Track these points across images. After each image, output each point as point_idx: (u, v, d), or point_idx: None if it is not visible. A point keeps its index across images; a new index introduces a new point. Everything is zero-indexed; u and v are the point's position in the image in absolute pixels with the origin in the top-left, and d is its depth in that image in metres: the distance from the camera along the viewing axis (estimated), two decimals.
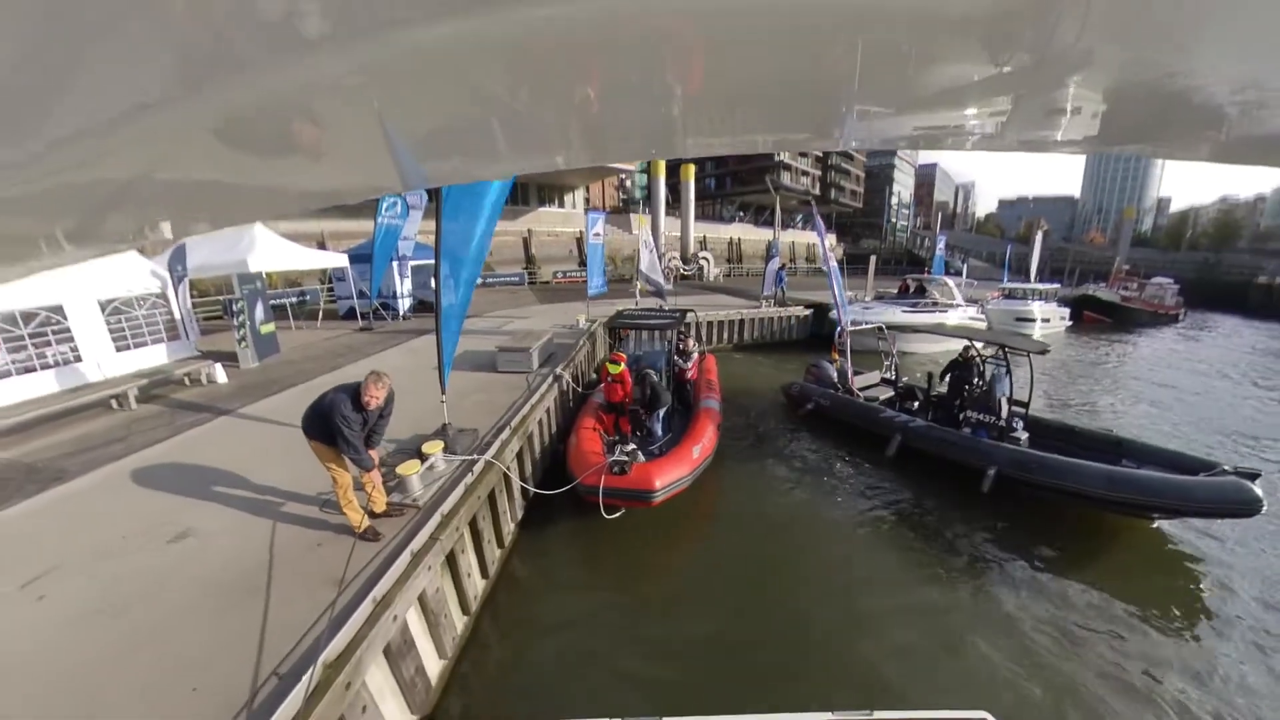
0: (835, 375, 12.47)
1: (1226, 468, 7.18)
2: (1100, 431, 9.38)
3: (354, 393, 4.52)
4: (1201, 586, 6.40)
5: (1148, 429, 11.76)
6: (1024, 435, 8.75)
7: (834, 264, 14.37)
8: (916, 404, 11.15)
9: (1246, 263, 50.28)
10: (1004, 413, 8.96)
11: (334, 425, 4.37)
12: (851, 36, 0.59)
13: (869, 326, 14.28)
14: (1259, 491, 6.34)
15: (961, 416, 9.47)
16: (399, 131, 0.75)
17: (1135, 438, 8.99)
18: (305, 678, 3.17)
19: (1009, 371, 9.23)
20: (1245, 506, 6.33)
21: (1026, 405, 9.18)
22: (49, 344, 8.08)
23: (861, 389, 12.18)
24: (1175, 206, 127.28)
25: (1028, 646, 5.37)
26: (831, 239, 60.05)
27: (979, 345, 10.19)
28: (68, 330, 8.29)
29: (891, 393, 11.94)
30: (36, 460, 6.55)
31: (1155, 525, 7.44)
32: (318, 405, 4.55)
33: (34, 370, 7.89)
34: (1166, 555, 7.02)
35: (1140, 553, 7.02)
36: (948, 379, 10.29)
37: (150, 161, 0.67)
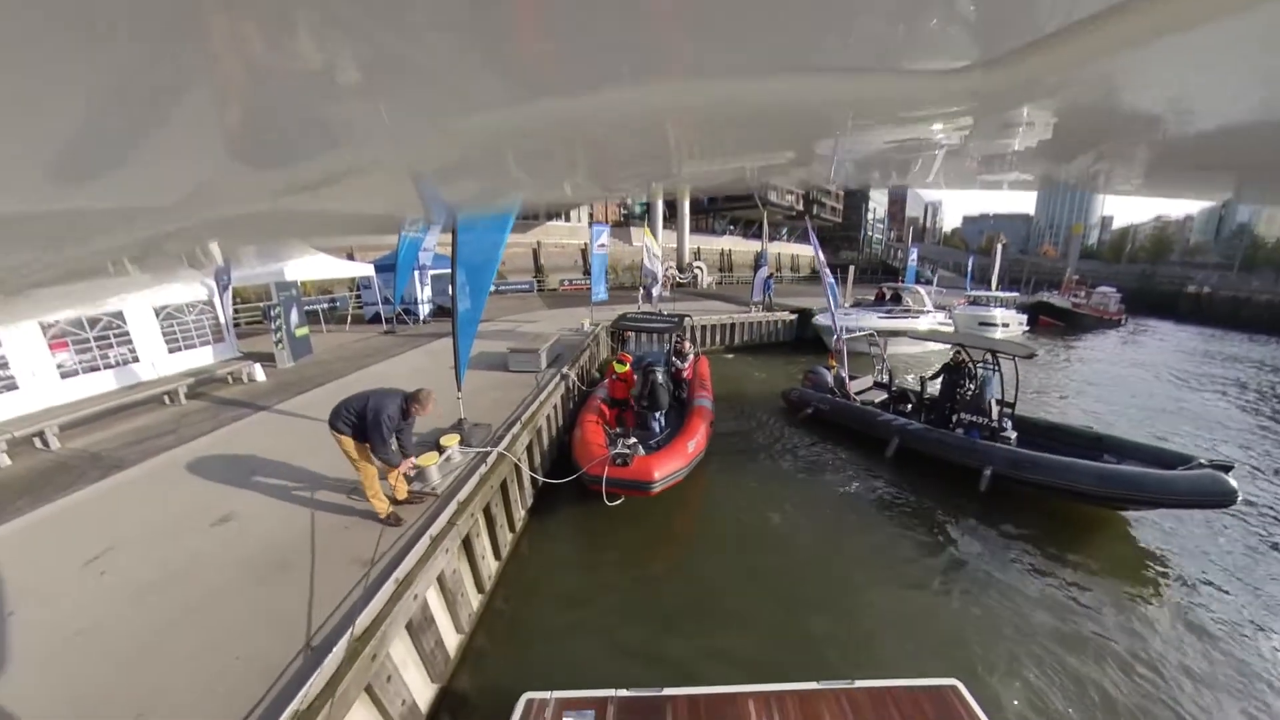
0: (831, 380, 11.95)
1: (1203, 460, 7.00)
2: (1081, 428, 9.16)
3: (401, 401, 4.55)
4: (1163, 570, 6.42)
5: (1100, 421, 11.58)
6: (1013, 434, 8.49)
7: (830, 278, 14.07)
8: (910, 406, 10.60)
9: (1178, 274, 50.63)
10: (994, 414, 8.72)
11: (375, 425, 4.38)
12: (833, 123, 0.62)
13: (862, 333, 14.05)
14: (1234, 483, 6.24)
15: (955, 418, 9.07)
16: (436, 188, 0.78)
17: (1112, 433, 8.83)
18: (335, 649, 3.21)
19: (1000, 375, 8.94)
20: (1222, 498, 6.24)
21: (1013, 406, 8.89)
22: (111, 346, 8.16)
23: (856, 393, 11.74)
24: (1117, 224, 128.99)
25: (1003, 624, 5.43)
26: (811, 248, 59.73)
27: (970, 350, 9.58)
28: (127, 334, 8.37)
29: (884, 396, 11.43)
30: (99, 450, 6.61)
31: (1125, 515, 7.35)
32: (358, 406, 4.52)
33: (98, 369, 7.97)
34: (1135, 542, 7.00)
35: (1113, 540, 6.99)
36: (939, 382, 9.76)
37: (232, 225, 0.72)
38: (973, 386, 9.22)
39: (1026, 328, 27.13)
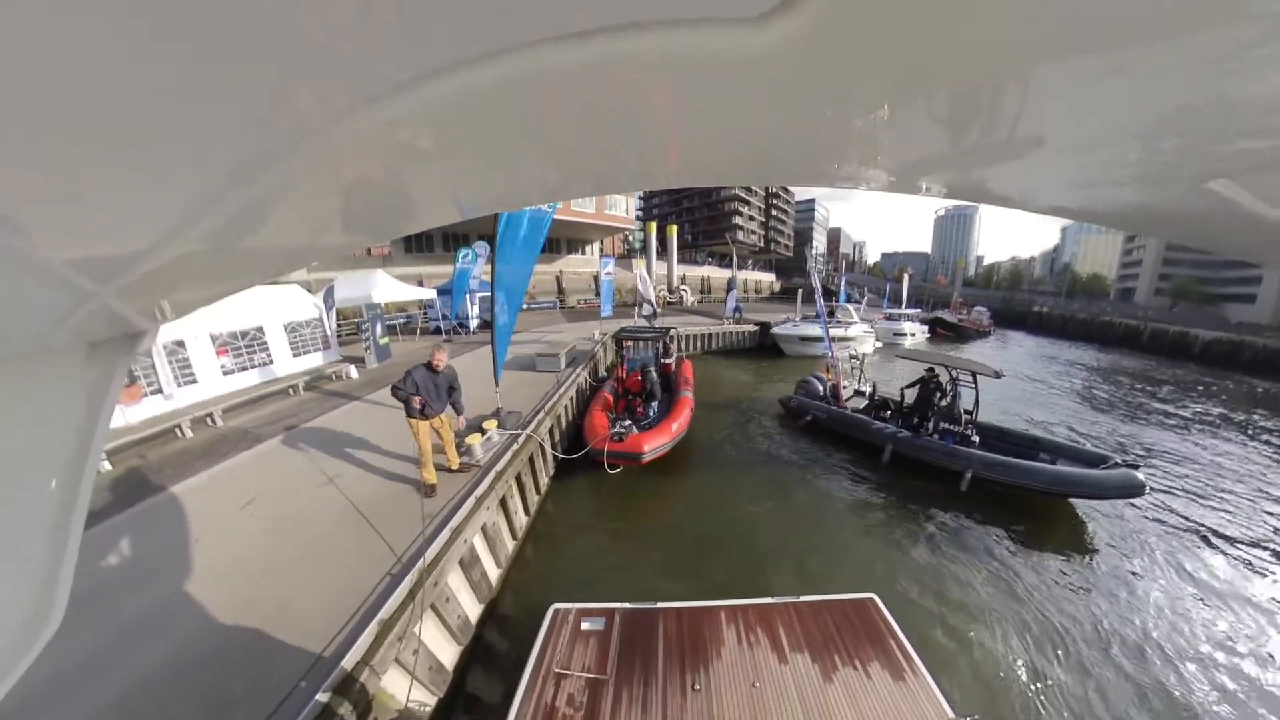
0: (822, 389, 10.52)
1: (1117, 460, 6.87)
2: (1021, 432, 8.43)
3: (424, 365, 4.51)
4: (1084, 535, 6.36)
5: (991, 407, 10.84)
6: (976, 439, 7.73)
7: (822, 306, 12.56)
8: (889, 412, 9.28)
9: (1026, 298, 52.98)
10: (963, 422, 7.96)
11: (403, 378, 4.34)
12: (803, 125, 0.52)
13: (835, 343, 12.99)
14: (1143, 478, 6.29)
15: (930, 425, 8.10)
16: (450, 179, 0.66)
17: (1045, 435, 8.41)
18: (409, 576, 3.38)
19: (976, 388, 8.03)
20: (1137, 490, 6.27)
21: (973, 414, 8.09)
22: (255, 351, 8.35)
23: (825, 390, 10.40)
24: (987, 261, 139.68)
25: (935, 561, 5.47)
26: (770, 276, 59.20)
27: (950, 368, 8.48)
28: (266, 343, 8.54)
29: (865, 403, 10.06)
30: (247, 427, 6.83)
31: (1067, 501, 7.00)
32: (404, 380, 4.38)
33: (246, 369, 8.19)
34: (1068, 519, 6.76)
35: (1054, 519, 6.72)
36: (915, 393, 8.62)
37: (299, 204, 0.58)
38: (943, 399, 8.29)
39: (928, 336, 27.29)
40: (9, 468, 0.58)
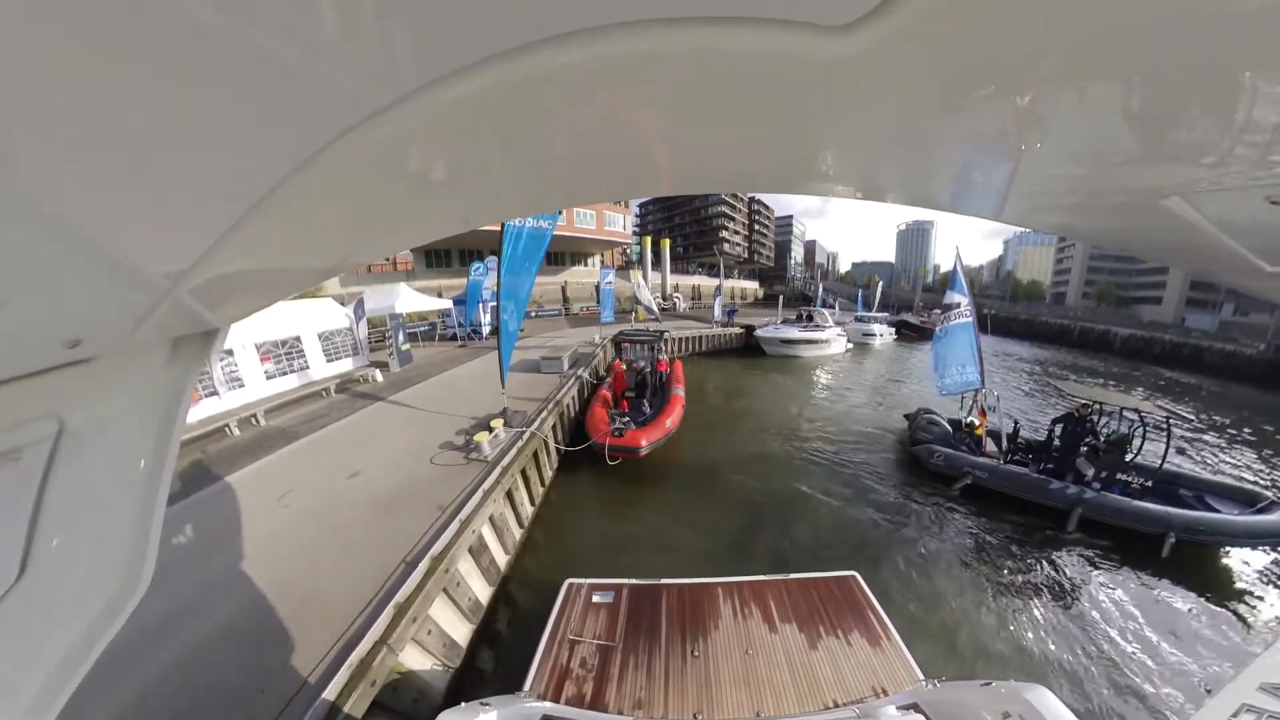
0: (948, 426, 8.32)
1: (1271, 496, 5.74)
2: (1149, 465, 6.34)
3: None
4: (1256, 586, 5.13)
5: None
6: (1137, 485, 6.04)
7: (970, 320, 8.87)
8: (1029, 457, 6.95)
9: (977, 302, 50.95)
10: (1132, 471, 6.20)
11: None
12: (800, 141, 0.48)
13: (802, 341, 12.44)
14: None
15: (1092, 475, 6.11)
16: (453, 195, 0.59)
17: (1180, 470, 6.70)
18: (422, 563, 3.36)
19: (1168, 432, 6.19)
20: None
21: (1160, 464, 6.24)
22: (293, 358, 8.27)
23: (958, 435, 7.97)
24: (943, 269, 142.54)
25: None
26: (754, 284, 58.65)
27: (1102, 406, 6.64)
28: (303, 350, 8.45)
29: (994, 445, 7.75)
30: (286, 426, 6.78)
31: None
32: None
33: (287, 374, 8.10)
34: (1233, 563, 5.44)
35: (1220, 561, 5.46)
36: (1058, 432, 6.61)
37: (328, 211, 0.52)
38: (1096, 442, 6.39)
39: (895, 337, 27.36)
40: (109, 454, 0.60)
